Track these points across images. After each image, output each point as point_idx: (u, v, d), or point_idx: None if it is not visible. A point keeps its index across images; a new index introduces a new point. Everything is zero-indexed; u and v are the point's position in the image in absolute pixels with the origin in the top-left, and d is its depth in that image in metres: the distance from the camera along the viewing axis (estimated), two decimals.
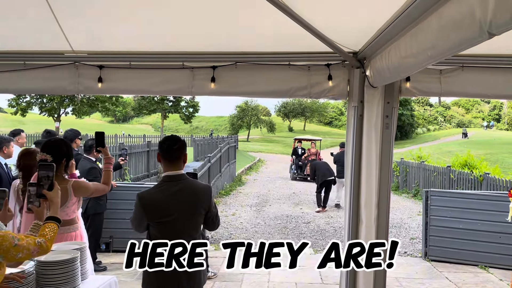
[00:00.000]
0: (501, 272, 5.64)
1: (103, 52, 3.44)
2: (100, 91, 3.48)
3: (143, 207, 2.52)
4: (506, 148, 30.91)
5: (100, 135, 3.32)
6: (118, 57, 3.45)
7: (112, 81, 3.50)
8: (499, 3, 1.41)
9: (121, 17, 2.87)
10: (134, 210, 2.58)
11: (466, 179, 10.96)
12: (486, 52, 3.20)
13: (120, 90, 3.60)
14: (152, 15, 2.81)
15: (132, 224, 2.64)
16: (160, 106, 40.34)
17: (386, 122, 3.34)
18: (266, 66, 3.41)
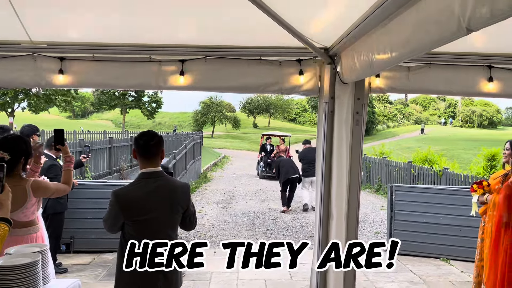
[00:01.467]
0: (462, 264, 5.85)
1: (64, 43, 3.25)
2: (61, 84, 3.29)
3: (119, 205, 2.42)
4: (461, 144, 32.32)
5: (59, 132, 3.11)
6: (80, 48, 3.28)
7: (74, 73, 3.33)
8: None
9: (84, 6, 2.70)
10: (109, 209, 2.46)
11: (427, 174, 11.34)
12: (451, 50, 3.27)
13: (83, 83, 3.42)
14: (117, 5, 2.67)
15: (105, 224, 2.51)
16: (121, 101, 39.30)
17: (356, 118, 3.36)
18: (237, 60, 3.34)
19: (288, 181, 10.10)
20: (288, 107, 67.02)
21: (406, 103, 77.47)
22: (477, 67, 3.43)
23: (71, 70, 3.31)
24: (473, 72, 3.42)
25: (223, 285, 5.13)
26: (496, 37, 2.88)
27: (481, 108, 72.35)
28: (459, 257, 5.98)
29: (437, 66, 3.43)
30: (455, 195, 6.24)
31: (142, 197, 2.44)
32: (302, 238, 7.65)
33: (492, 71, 3.39)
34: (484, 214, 3.86)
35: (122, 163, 13.98)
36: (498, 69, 3.40)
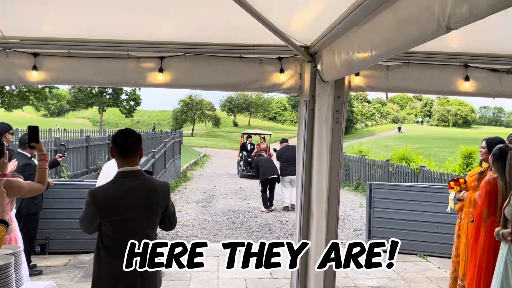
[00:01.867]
0: (439, 260, 5.97)
1: (38, 39, 3.15)
2: (35, 81, 3.19)
3: (95, 204, 2.35)
4: (437, 143, 33.03)
5: (33, 129, 3.01)
6: (55, 44, 3.18)
7: (48, 70, 3.23)
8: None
9: (59, 1, 2.62)
10: (85, 209, 2.40)
11: (404, 172, 11.53)
12: (429, 49, 3.32)
13: (58, 80, 3.33)
14: (94, 0, 2.60)
15: (81, 224, 2.45)
16: (99, 99, 38.61)
17: (336, 116, 3.37)
18: (217, 58, 3.31)
19: (267, 181, 9.97)
20: (268, 105, 67.13)
21: (384, 102, 78.72)
22: (454, 67, 3.49)
23: (45, 66, 3.21)
24: (450, 71, 3.48)
25: (203, 285, 5.09)
26: (472, 37, 2.93)
27: (456, 108, 74.12)
28: (436, 253, 6.10)
29: (415, 65, 3.47)
30: (432, 193, 6.36)
31: (120, 196, 2.38)
32: (283, 236, 7.67)
33: (468, 70, 3.45)
34: (461, 211, 3.94)
35: (100, 162, 13.73)
36: (474, 69, 3.46)
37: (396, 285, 5.11)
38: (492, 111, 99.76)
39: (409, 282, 5.20)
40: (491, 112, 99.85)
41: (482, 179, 3.74)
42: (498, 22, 2.44)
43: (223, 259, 6.29)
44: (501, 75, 3.48)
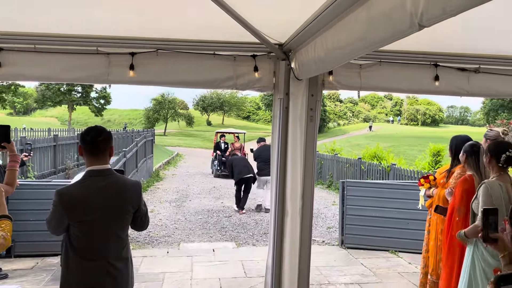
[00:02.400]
0: (410, 256, 6.10)
1: (2, 33, 3.00)
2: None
3: (63, 204, 2.26)
4: (406, 141, 33.85)
5: (4, 128, 2.89)
6: (20, 39, 3.05)
7: (13, 65, 3.09)
8: None
9: None
10: (52, 209, 2.30)
11: (375, 170, 11.75)
12: (400, 48, 3.37)
13: (23, 76, 3.19)
14: None
15: (48, 225, 2.35)
16: (67, 97, 37.57)
17: (311, 114, 3.38)
18: (190, 54, 3.24)
19: (242, 181, 9.74)
20: (242, 104, 67.04)
21: (355, 102, 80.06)
22: (424, 66, 3.55)
23: (9, 61, 3.06)
24: (420, 70, 3.54)
25: (176, 285, 5.02)
26: (442, 36, 2.99)
27: (425, 107, 76.19)
28: (407, 249, 6.23)
29: (387, 64, 3.51)
30: (403, 190, 6.50)
31: (89, 196, 2.30)
32: (257, 235, 7.66)
33: (438, 69, 3.52)
34: (430, 207, 4.03)
35: (68, 162, 13.36)
36: (443, 68, 3.54)
37: (369, 281, 5.19)
38: (459, 111, 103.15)
39: (381, 278, 5.29)
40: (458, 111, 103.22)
41: (450, 176, 3.83)
42: (466, 22, 2.49)
43: (197, 259, 6.28)
44: (469, 74, 3.57)
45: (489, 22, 2.61)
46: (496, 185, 2.97)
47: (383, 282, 5.16)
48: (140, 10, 2.71)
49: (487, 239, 2.13)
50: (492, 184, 2.97)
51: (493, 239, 2.09)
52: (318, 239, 7.26)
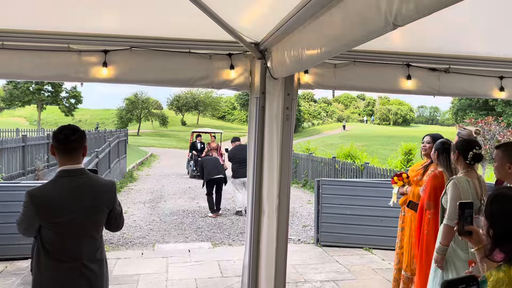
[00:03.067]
0: (383, 253, 6.22)
1: None
2: None
3: (34, 205, 2.20)
4: (379, 140, 34.51)
5: None
6: None
7: None
8: None
9: None
10: (23, 211, 2.23)
11: (349, 169, 11.92)
12: (374, 48, 3.43)
13: None
14: None
15: (19, 227, 2.29)
16: (36, 97, 36.41)
17: (287, 113, 3.40)
18: (164, 52, 3.21)
19: (212, 182, 9.27)
20: (217, 104, 66.71)
21: (329, 102, 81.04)
22: (397, 66, 3.63)
23: None
24: (393, 70, 3.62)
25: (151, 287, 4.94)
26: (414, 37, 3.06)
27: (396, 107, 77.85)
28: (380, 246, 6.35)
29: (361, 64, 3.57)
30: (376, 188, 6.61)
31: (61, 196, 2.24)
32: (233, 235, 7.65)
33: (410, 69, 3.60)
34: (404, 204, 4.11)
35: (38, 163, 12.97)
36: (415, 68, 3.62)
37: (344, 278, 5.26)
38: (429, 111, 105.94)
39: (355, 275, 5.37)
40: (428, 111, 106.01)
41: (425, 173, 3.93)
42: (437, 23, 2.56)
43: (172, 259, 6.20)
44: (439, 74, 3.67)
45: (459, 23, 2.69)
46: (464, 181, 3.08)
47: (358, 279, 5.24)
48: (113, 7, 2.66)
49: (462, 233, 2.17)
50: (460, 180, 3.08)
51: (468, 233, 2.14)
52: (294, 237, 7.31)
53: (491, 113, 29.55)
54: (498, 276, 1.52)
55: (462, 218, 2.17)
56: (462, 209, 2.18)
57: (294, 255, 6.01)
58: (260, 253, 3.52)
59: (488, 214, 1.66)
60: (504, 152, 2.62)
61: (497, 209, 1.64)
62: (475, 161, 3.17)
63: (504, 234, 1.59)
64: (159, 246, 6.73)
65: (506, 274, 1.52)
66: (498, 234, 1.61)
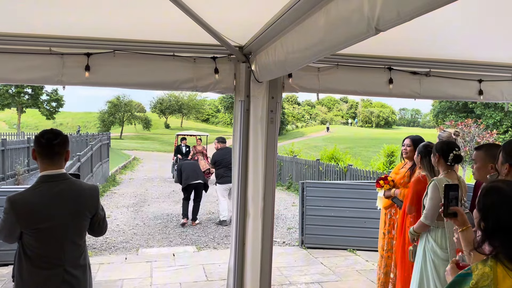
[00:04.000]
0: (367, 254, 6.28)
1: None
2: None
3: (15, 212, 2.16)
4: (362, 143, 34.91)
5: None
6: None
7: None
8: (387, 1, 1.49)
9: None
10: (3, 217, 2.20)
11: (333, 171, 12.02)
12: (356, 52, 3.48)
13: None
14: None
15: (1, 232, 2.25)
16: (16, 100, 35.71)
17: (271, 116, 3.42)
18: (148, 55, 3.19)
19: (190, 188, 8.69)
20: (201, 107, 66.53)
21: (313, 104, 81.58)
22: (378, 69, 3.69)
23: None
24: (375, 73, 3.67)
25: None
26: (395, 41, 3.11)
27: (378, 110, 78.93)
28: (364, 247, 6.41)
29: (344, 67, 3.61)
30: (359, 189, 6.69)
31: (43, 202, 2.21)
32: (218, 238, 7.62)
33: (392, 73, 3.66)
34: (390, 208, 4.14)
35: (18, 167, 12.71)
36: (396, 71, 3.68)
37: (328, 279, 5.30)
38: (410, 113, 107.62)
39: (340, 276, 5.41)
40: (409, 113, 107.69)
41: (412, 175, 3.95)
42: (418, 27, 2.61)
43: (156, 264, 6.15)
44: (420, 78, 3.74)
45: (439, 27, 2.75)
46: (444, 182, 3.13)
47: (342, 280, 5.28)
48: (96, 9, 2.64)
49: (446, 214, 2.21)
50: (440, 181, 3.16)
51: (453, 214, 2.19)
52: (278, 240, 7.33)
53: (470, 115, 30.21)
54: (484, 271, 1.50)
55: (447, 200, 2.21)
56: (447, 191, 2.22)
57: (279, 258, 6.02)
58: (245, 256, 3.52)
59: (481, 206, 1.64)
60: (486, 152, 2.65)
61: (489, 202, 1.61)
62: (456, 162, 3.25)
63: (494, 227, 1.56)
64: (143, 251, 6.66)
65: (492, 270, 1.50)
66: (489, 227, 1.58)
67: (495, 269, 1.50)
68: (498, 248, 1.53)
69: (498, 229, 1.54)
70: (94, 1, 2.51)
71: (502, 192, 1.59)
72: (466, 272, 1.54)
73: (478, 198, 1.68)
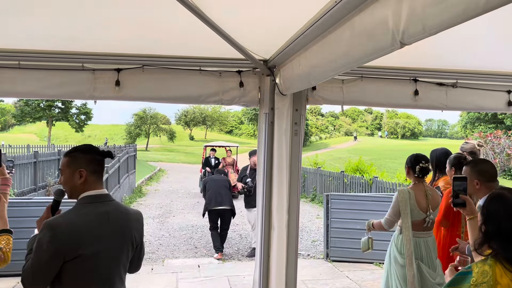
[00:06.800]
0: None
1: None
2: None
3: (59, 238, 1.81)
4: (387, 154, 34.33)
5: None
6: (4, 55, 3.03)
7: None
8: (412, 14, 1.50)
9: (9, 11, 2.50)
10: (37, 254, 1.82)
11: (358, 183, 11.87)
12: (380, 64, 3.48)
13: (8, 93, 3.16)
14: (46, 11, 2.50)
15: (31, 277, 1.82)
16: (47, 113, 36.96)
17: (295, 129, 3.44)
18: (175, 70, 3.28)
19: (213, 214, 7.13)
20: (225, 119, 67.15)
21: (336, 116, 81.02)
22: (404, 81, 3.66)
23: None
24: (400, 85, 3.65)
25: None
26: (420, 52, 3.09)
27: (404, 120, 77.67)
28: None
29: (368, 79, 3.61)
30: (385, 202, 6.56)
31: (88, 223, 1.90)
32: (242, 250, 7.62)
33: (417, 84, 3.63)
34: None
35: (49, 179, 13.10)
36: (422, 83, 3.65)
37: None
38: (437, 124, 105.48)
39: None
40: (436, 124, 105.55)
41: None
42: (444, 38, 2.60)
43: (182, 275, 6.20)
44: (447, 89, 3.69)
45: (467, 39, 2.73)
46: (405, 192, 3.56)
47: None
48: (127, 27, 2.74)
49: (456, 204, 2.35)
50: (400, 191, 3.59)
51: (461, 204, 2.33)
52: (303, 252, 7.27)
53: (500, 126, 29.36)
54: (484, 268, 1.62)
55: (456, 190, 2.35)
56: (455, 182, 2.36)
57: (304, 270, 5.98)
58: (270, 268, 3.52)
59: (484, 211, 1.76)
60: (472, 168, 2.77)
61: (493, 208, 1.74)
62: (422, 174, 3.57)
63: (495, 233, 1.68)
64: (169, 262, 6.73)
65: (491, 268, 1.61)
66: (490, 232, 1.70)
67: (494, 267, 1.62)
68: (497, 250, 1.66)
69: (498, 234, 1.67)
70: (124, 19, 2.62)
71: (505, 200, 1.72)
72: (466, 270, 1.65)
73: (484, 203, 1.80)
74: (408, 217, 3.52)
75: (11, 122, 69.01)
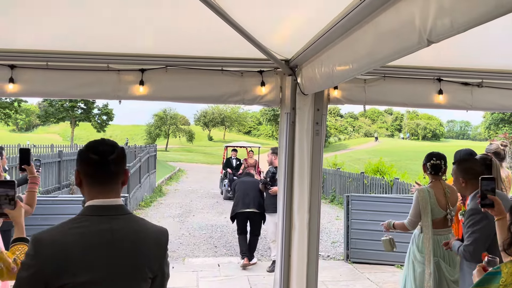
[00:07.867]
0: None
1: (15, 51, 3.09)
2: (11, 93, 3.11)
3: (40, 258, 1.38)
4: (408, 155, 33.81)
5: (25, 152, 3.00)
6: (33, 56, 3.13)
7: (25, 82, 3.17)
8: (440, 11, 1.48)
9: (38, 13, 2.57)
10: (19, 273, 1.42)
11: (378, 184, 11.74)
12: (404, 63, 3.43)
13: (36, 93, 3.27)
14: (73, 12, 2.56)
15: None
16: (70, 114, 37.72)
17: (316, 128, 3.44)
18: (198, 70, 3.32)
19: (240, 218, 6.53)
20: (243, 120, 67.31)
21: (356, 116, 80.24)
22: (427, 80, 3.61)
23: (22, 78, 3.14)
24: (424, 85, 3.60)
25: None
26: (445, 51, 3.05)
27: (425, 122, 76.36)
28: None
29: (391, 79, 3.57)
30: (406, 203, 6.47)
31: (82, 244, 1.42)
32: (261, 250, 7.64)
33: (441, 84, 3.58)
34: None
35: (72, 178, 13.38)
36: (446, 82, 3.60)
37: None
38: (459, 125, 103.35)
39: None
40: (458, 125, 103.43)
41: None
42: (470, 37, 2.56)
43: (202, 274, 6.25)
44: (472, 89, 3.62)
45: (493, 37, 2.68)
46: (425, 191, 3.52)
47: None
48: (151, 28, 2.79)
49: (484, 205, 2.33)
50: (420, 190, 3.54)
51: (489, 205, 2.31)
52: (323, 253, 7.23)
53: None
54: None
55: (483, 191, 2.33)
56: (482, 182, 2.34)
57: (324, 272, 5.94)
58: (291, 268, 3.52)
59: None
60: (458, 167, 2.85)
61: None
62: (434, 171, 3.56)
63: None
64: (189, 260, 6.80)
65: None
66: None
67: None
68: None
69: None
70: (148, 21, 2.66)
71: None
72: (495, 271, 1.62)
73: None
74: (428, 215, 3.52)
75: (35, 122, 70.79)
